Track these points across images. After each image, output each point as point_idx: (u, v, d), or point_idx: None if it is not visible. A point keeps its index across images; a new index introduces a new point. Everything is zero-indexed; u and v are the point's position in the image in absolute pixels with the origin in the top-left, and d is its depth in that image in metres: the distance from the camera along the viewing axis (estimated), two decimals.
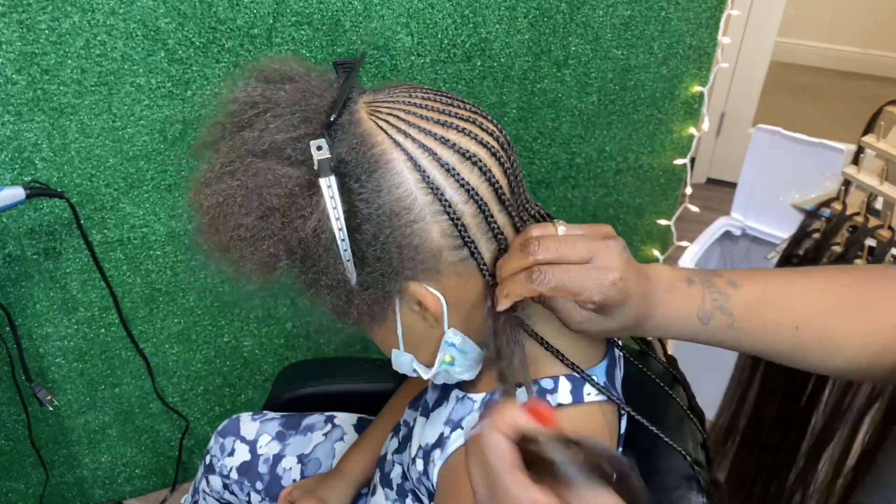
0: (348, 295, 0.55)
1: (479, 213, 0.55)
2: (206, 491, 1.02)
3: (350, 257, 0.52)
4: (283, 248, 0.53)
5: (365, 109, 0.55)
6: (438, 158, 0.53)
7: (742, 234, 1.67)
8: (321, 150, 0.51)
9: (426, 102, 0.56)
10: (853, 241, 1.03)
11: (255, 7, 1.05)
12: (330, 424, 0.98)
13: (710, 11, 1.38)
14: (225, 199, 0.53)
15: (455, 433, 0.61)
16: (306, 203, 0.51)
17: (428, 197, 0.53)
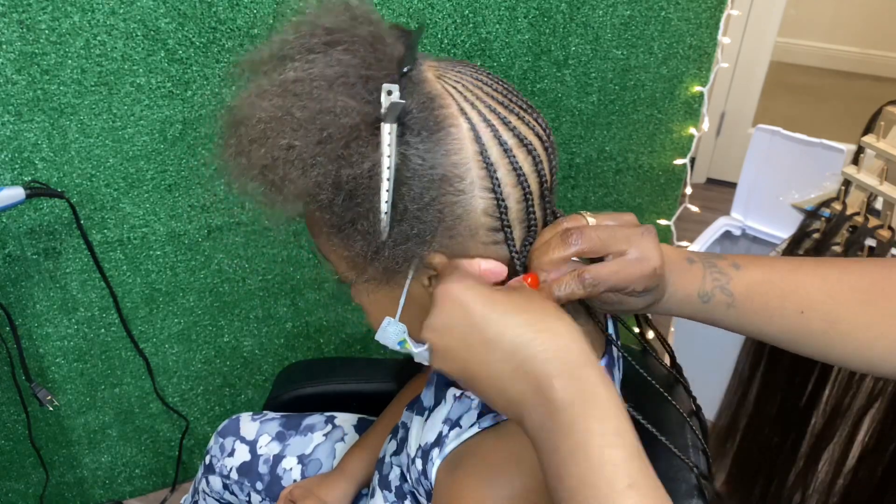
0: (377, 247, 0.53)
1: (523, 201, 0.55)
2: (205, 491, 1.02)
3: (388, 209, 0.51)
4: (331, 180, 0.51)
5: (431, 71, 0.55)
6: (499, 136, 0.53)
7: (742, 234, 1.67)
8: (391, 94, 0.50)
9: (491, 82, 0.56)
10: (853, 241, 1.03)
11: (255, 7, 1.05)
12: (330, 425, 0.98)
13: (710, 11, 1.38)
14: (283, 116, 0.51)
15: (453, 431, 0.61)
16: (366, 142, 0.50)
17: (482, 171, 0.53)
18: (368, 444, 0.91)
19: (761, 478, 1.17)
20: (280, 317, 1.36)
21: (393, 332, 0.61)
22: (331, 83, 0.51)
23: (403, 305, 0.59)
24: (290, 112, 0.50)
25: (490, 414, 0.59)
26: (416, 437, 0.69)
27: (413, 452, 0.68)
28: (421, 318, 0.57)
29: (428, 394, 0.71)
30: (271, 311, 1.35)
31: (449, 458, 0.60)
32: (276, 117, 0.51)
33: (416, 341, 0.61)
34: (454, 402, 0.63)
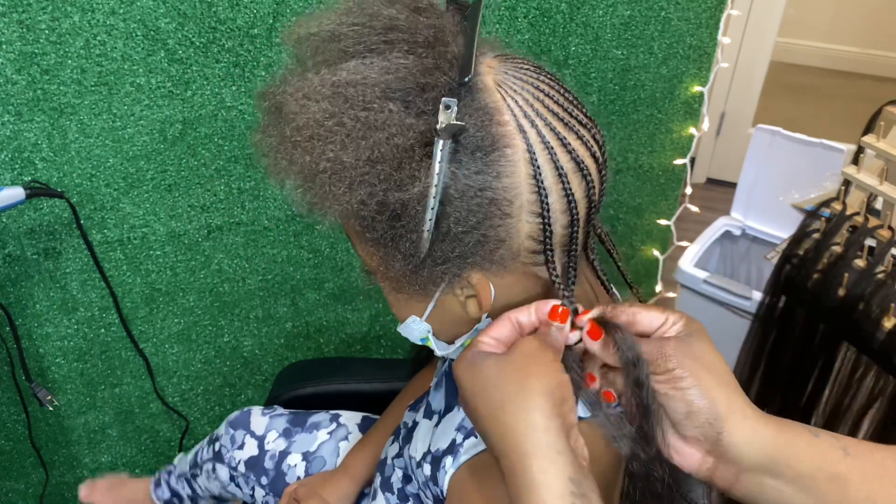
0: (416, 266, 0.51)
1: (569, 227, 0.52)
2: (210, 475, 1.03)
3: (431, 228, 0.48)
4: (376, 201, 0.48)
5: (491, 76, 0.51)
6: (556, 160, 0.50)
7: (742, 234, 1.67)
8: (449, 109, 0.46)
9: (552, 92, 0.52)
10: (853, 241, 1.03)
11: (255, 7, 1.05)
12: (335, 423, 0.98)
13: (710, 11, 1.38)
14: (333, 125, 0.47)
15: (468, 441, 0.60)
16: (419, 164, 0.47)
17: (532, 196, 0.50)
18: (371, 442, 0.91)
19: None
20: (280, 317, 1.36)
21: (416, 329, 0.60)
22: (386, 92, 0.47)
23: (432, 309, 0.57)
24: (342, 122, 0.47)
25: None
26: (424, 440, 0.68)
27: (419, 456, 0.68)
28: (447, 320, 0.58)
29: (437, 397, 0.70)
30: (271, 311, 1.35)
31: (466, 467, 0.60)
32: (325, 125, 0.47)
33: (439, 341, 0.60)
34: None
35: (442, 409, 0.68)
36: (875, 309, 0.97)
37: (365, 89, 0.47)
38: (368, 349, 1.49)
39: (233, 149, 1.15)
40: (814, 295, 1.06)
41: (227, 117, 1.12)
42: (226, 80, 1.09)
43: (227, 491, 1.03)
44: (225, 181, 1.18)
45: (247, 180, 1.19)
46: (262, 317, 1.34)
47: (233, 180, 1.18)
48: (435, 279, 0.52)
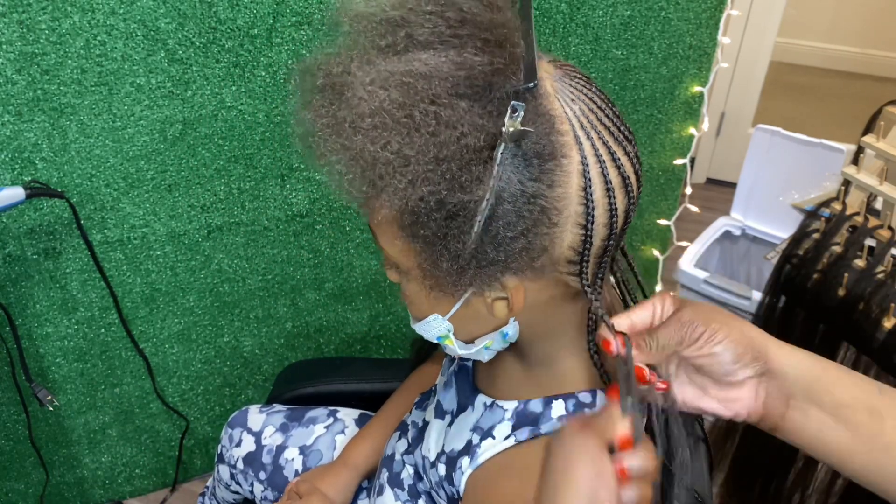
0: (461, 266, 0.50)
1: (606, 240, 0.53)
2: (218, 479, 1.04)
3: (480, 229, 0.47)
4: (435, 200, 0.47)
5: (549, 82, 0.51)
6: (606, 174, 0.50)
7: (742, 234, 1.67)
8: (516, 113, 0.46)
9: (602, 105, 0.52)
10: (853, 241, 1.03)
11: (255, 7, 1.05)
12: (332, 418, 0.99)
13: (710, 11, 1.38)
14: (402, 117, 0.46)
15: (486, 442, 0.60)
16: (484, 167, 0.46)
17: (580, 208, 0.50)
18: (370, 435, 0.91)
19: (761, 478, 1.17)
20: (280, 317, 1.36)
21: (435, 327, 0.59)
22: (457, 88, 0.46)
23: (457, 309, 0.56)
24: (411, 114, 0.45)
25: (527, 427, 0.58)
26: (437, 440, 0.68)
27: (433, 456, 0.68)
28: (470, 321, 0.57)
29: (448, 396, 0.70)
30: (271, 311, 1.35)
31: (484, 468, 0.60)
32: (393, 115, 0.46)
33: (460, 342, 0.60)
34: (484, 411, 0.63)
35: (454, 409, 0.68)
36: (875, 309, 0.97)
37: (436, 83, 0.46)
38: (368, 349, 1.49)
39: (233, 149, 1.15)
40: (814, 295, 1.06)
41: (227, 117, 1.12)
42: (226, 80, 1.09)
43: (231, 491, 1.03)
44: (225, 181, 1.18)
45: (247, 180, 1.19)
46: (262, 317, 1.34)
47: (233, 180, 1.18)
48: (474, 281, 0.51)
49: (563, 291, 0.56)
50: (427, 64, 0.46)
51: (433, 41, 0.47)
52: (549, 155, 0.48)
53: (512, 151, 0.47)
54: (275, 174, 1.20)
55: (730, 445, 1.21)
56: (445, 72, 0.46)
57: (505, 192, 0.47)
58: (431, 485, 0.69)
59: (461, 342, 0.60)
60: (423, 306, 0.58)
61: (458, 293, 0.54)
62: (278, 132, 1.16)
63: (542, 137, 0.48)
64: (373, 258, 1.36)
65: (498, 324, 0.57)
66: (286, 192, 1.22)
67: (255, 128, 1.15)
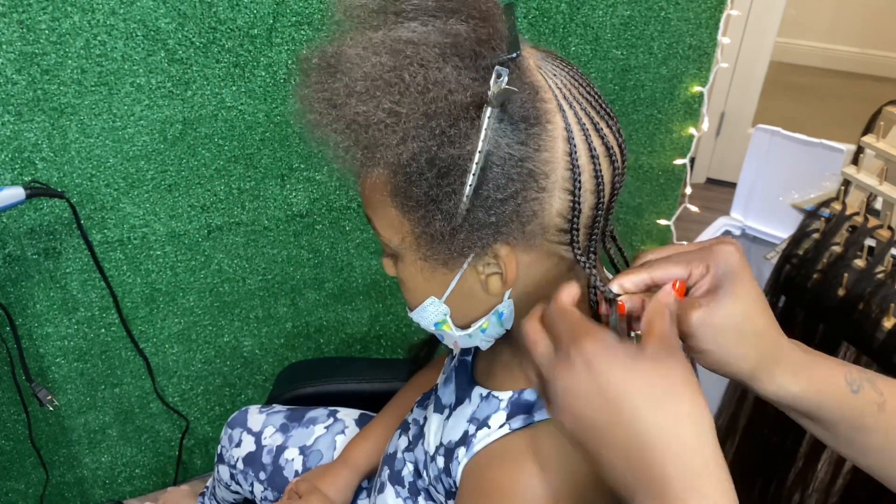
0: (454, 229, 0.52)
1: (594, 209, 0.55)
2: (218, 479, 1.04)
3: (471, 193, 0.50)
4: (428, 155, 0.49)
5: (532, 59, 0.54)
6: (590, 141, 0.53)
7: (742, 234, 1.67)
8: (500, 78, 0.48)
9: (584, 83, 0.55)
10: (853, 241, 1.03)
11: (255, 7, 1.05)
12: (332, 418, 0.99)
13: (710, 11, 1.38)
14: (392, 78, 0.48)
15: (481, 431, 0.61)
16: (471, 123, 0.49)
17: (567, 173, 0.52)
18: (371, 435, 0.91)
19: (761, 478, 1.17)
20: (280, 317, 1.36)
21: (432, 312, 0.60)
22: (444, 53, 0.49)
23: (453, 289, 0.58)
24: (401, 75, 0.48)
25: (521, 415, 0.59)
26: (436, 434, 0.69)
27: (432, 450, 0.68)
28: (466, 302, 0.58)
29: (447, 391, 0.70)
30: (271, 311, 1.35)
31: (478, 457, 0.60)
32: (384, 77, 0.48)
33: (455, 326, 0.61)
34: (480, 402, 0.63)
35: (452, 403, 0.68)
36: (875, 309, 0.97)
37: (424, 48, 0.49)
38: (368, 349, 1.49)
39: (233, 149, 1.15)
40: (814, 295, 1.06)
41: (227, 117, 1.12)
42: (226, 80, 1.09)
43: (231, 491, 1.03)
44: (225, 181, 1.18)
45: (247, 180, 1.19)
46: (262, 317, 1.34)
47: (233, 180, 1.18)
48: (467, 246, 0.53)
49: (556, 265, 0.57)
50: (415, 31, 0.50)
51: (419, 14, 0.51)
52: (534, 119, 0.51)
53: (498, 116, 0.49)
54: (275, 174, 1.20)
55: (730, 445, 1.21)
56: (432, 39, 0.49)
57: (493, 155, 0.50)
58: (430, 480, 0.69)
59: (458, 327, 0.61)
60: (419, 289, 0.59)
61: (453, 262, 0.55)
62: (278, 132, 1.16)
63: (527, 102, 0.50)
64: (373, 258, 1.36)
65: (493, 302, 0.58)
66: (286, 192, 1.22)
67: (255, 128, 1.15)
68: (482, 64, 0.49)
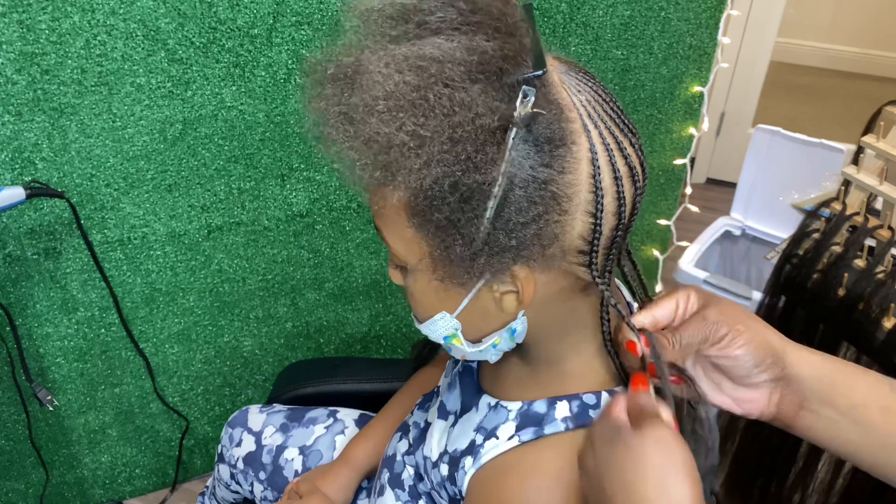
0: (474, 252, 0.50)
1: (615, 230, 0.53)
2: (218, 479, 1.04)
3: (492, 214, 0.48)
4: (451, 180, 0.47)
5: (556, 74, 0.52)
6: (614, 162, 0.51)
7: (742, 234, 1.67)
8: (527, 98, 0.47)
9: (607, 98, 0.53)
10: (853, 241, 1.03)
11: (255, 7, 1.05)
12: (332, 418, 0.99)
13: (710, 11, 1.38)
14: (417, 99, 0.46)
15: (489, 442, 0.60)
16: (497, 148, 0.47)
17: (590, 195, 0.51)
18: (372, 434, 0.91)
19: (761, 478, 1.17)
20: (280, 317, 1.36)
21: (443, 326, 0.59)
22: (470, 72, 0.47)
23: (466, 305, 0.56)
24: (426, 96, 0.46)
25: (531, 427, 0.58)
26: (440, 441, 0.68)
27: (435, 457, 0.68)
28: (479, 318, 0.57)
29: (451, 397, 0.70)
30: (271, 311, 1.35)
31: (486, 468, 0.60)
32: (408, 97, 0.46)
33: (468, 341, 0.59)
34: (488, 411, 0.63)
35: (458, 410, 0.68)
36: (875, 309, 0.97)
37: (450, 67, 0.47)
38: (368, 349, 1.49)
39: (233, 149, 1.15)
40: (814, 295, 1.06)
41: (227, 117, 1.12)
42: (226, 80, 1.09)
43: (231, 490, 1.03)
44: (225, 181, 1.18)
45: (247, 180, 1.19)
46: (262, 317, 1.34)
47: (233, 180, 1.18)
48: (485, 270, 0.51)
49: (572, 285, 0.56)
50: (440, 48, 0.47)
51: (444, 28, 0.48)
52: (559, 140, 0.49)
53: (523, 137, 0.47)
54: (275, 174, 1.20)
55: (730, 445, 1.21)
56: (458, 56, 0.47)
57: (517, 177, 0.48)
58: (433, 485, 0.69)
59: (468, 342, 0.60)
60: (430, 304, 0.58)
61: (469, 284, 0.53)
62: (278, 132, 1.16)
63: (553, 123, 0.49)
64: (373, 258, 1.36)
65: (506, 319, 0.57)
66: (286, 192, 1.22)
67: (255, 128, 1.15)
68: (507, 81, 0.47)
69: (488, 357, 0.61)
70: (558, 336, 0.59)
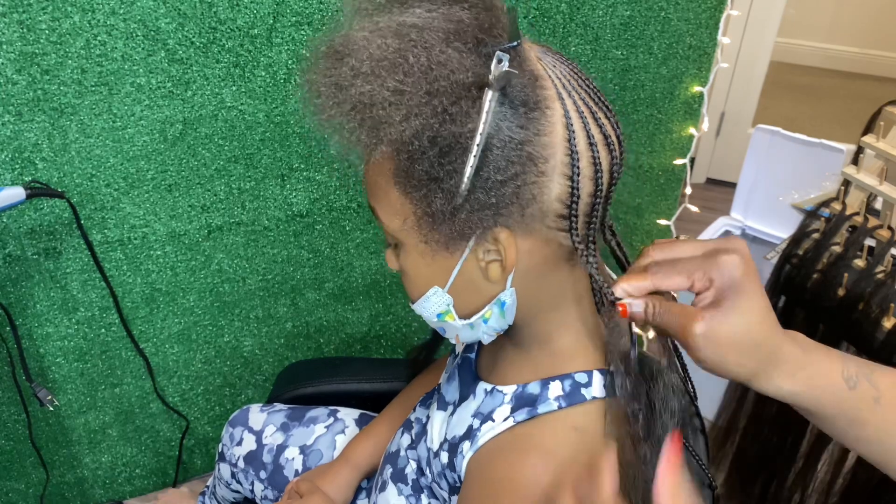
0: (455, 208, 0.53)
1: (593, 196, 0.56)
2: (218, 478, 1.04)
3: (471, 173, 0.51)
4: (430, 133, 0.51)
5: (532, 51, 0.56)
6: (588, 128, 0.55)
7: (742, 234, 1.67)
8: (501, 63, 0.50)
9: (582, 76, 0.57)
10: (853, 241, 1.03)
11: (255, 7, 1.05)
12: (332, 418, 0.99)
13: (710, 11, 1.38)
14: (397, 58, 0.50)
15: (486, 425, 0.61)
16: (472, 103, 0.50)
17: (566, 158, 0.54)
18: (373, 434, 0.91)
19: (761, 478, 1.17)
20: (280, 317, 1.36)
21: (435, 302, 0.61)
22: (447, 37, 0.51)
23: (455, 277, 0.58)
24: (405, 56, 0.50)
25: (525, 408, 0.60)
26: (440, 431, 0.69)
27: (436, 446, 0.69)
28: (468, 291, 0.59)
29: (450, 388, 0.71)
30: (271, 311, 1.35)
31: (483, 449, 0.61)
32: (389, 58, 0.50)
33: (457, 317, 0.61)
34: (485, 397, 0.64)
35: (456, 400, 0.69)
36: (875, 309, 0.97)
37: (429, 32, 0.51)
38: (368, 349, 1.49)
39: (233, 149, 1.15)
40: (813, 295, 1.06)
41: (227, 117, 1.12)
42: (226, 80, 1.09)
43: (231, 490, 1.03)
44: (225, 181, 1.18)
45: (247, 180, 1.19)
46: (262, 317, 1.35)
47: (233, 180, 1.18)
48: (468, 227, 0.54)
49: (556, 253, 0.58)
50: (420, 17, 0.51)
51: (427, 3, 0.53)
52: (533, 104, 0.52)
53: (499, 100, 0.50)
54: (275, 174, 1.20)
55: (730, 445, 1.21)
56: (437, 24, 0.51)
57: (494, 137, 0.51)
58: (433, 477, 0.69)
59: (459, 319, 0.61)
60: (421, 277, 0.60)
61: (454, 245, 0.56)
62: (278, 132, 1.16)
63: (527, 87, 0.52)
64: (373, 258, 1.36)
65: (495, 291, 0.58)
66: (286, 192, 1.22)
67: (255, 128, 1.15)
68: (484, 51, 0.51)
69: (481, 335, 0.63)
70: (547, 312, 0.61)
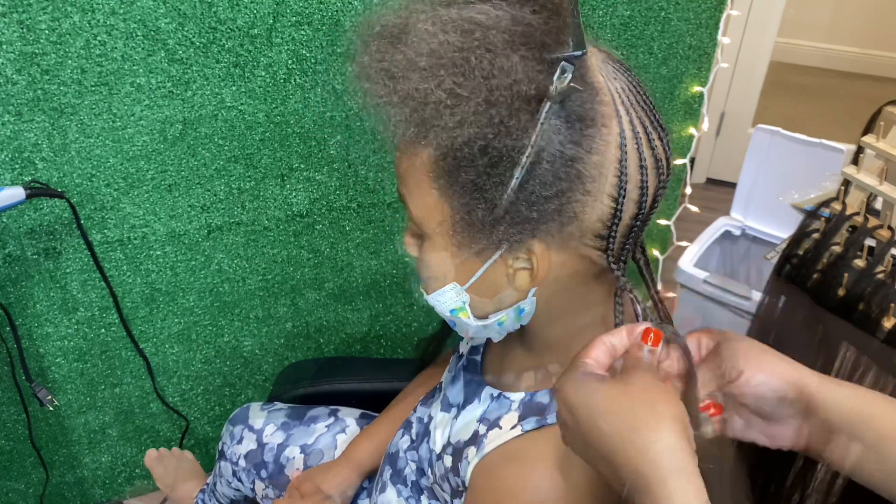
0: (495, 220, 0.51)
1: (635, 219, 0.54)
2: (219, 475, 1.05)
3: (516, 185, 0.49)
4: (482, 142, 0.48)
5: (594, 58, 0.53)
6: (641, 151, 0.52)
7: (742, 234, 1.67)
8: (565, 74, 0.48)
9: (641, 90, 0.55)
10: (853, 241, 1.03)
11: (255, 7, 1.05)
12: (333, 417, 0.99)
13: (710, 11, 1.38)
14: (458, 59, 0.47)
15: (493, 432, 0.61)
16: (531, 118, 0.48)
17: (614, 179, 0.52)
18: (375, 434, 0.91)
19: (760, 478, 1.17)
20: (280, 317, 1.36)
21: (451, 297, 0.59)
22: (513, 40, 0.48)
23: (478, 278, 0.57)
24: (468, 58, 0.47)
25: (533, 417, 0.59)
26: (443, 433, 0.69)
27: (439, 448, 0.68)
28: (488, 293, 0.57)
29: (454, 390, 0.70)
30: (271, 311, 1.35)
31: (490, 457, 0.60)
32: (449, 56, 0.48)
33: (472, 316, 0.60)
34: (491, 402, 0.63)
35: (461, 402, 0.68)
36: (875, 309, 0.97)
37: (494, 33, 0.48)
38: (368, 349, 1.49)
39: (233, 149, 1.15)
40: (813, 295, 1.06)
41: (227, 117, 1.12)
42: (226, 80, 1.09)
43: (232, 488, 1.03)
44: (225, 181, 1.18)
45: (247, 180, 1.19)
46: (262, 317, 1.35)
47: (233, 180, 1.18)
48: (504, 239, 0.52)
49: (586, 270, 0.56)
50: (487, 14, 0.49)
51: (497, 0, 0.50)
52: (590, 120, 0.50)
53: (556, 112, 0.48)
54: (275, 174, 1.20)
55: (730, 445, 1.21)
56: (503, 25, 0.48)
57: (545, 151, 0.49)
58: (435, 479, 0.69)
59: (474, 318, 0.60)
60: (443, 274, 0.58)
61: (486, 254, 0.54)
62: (278, 132, 1.16)
63: (586, 102, 0.50)
64: (373, 258, 1.36)
65: (517, 297, 0.57)
66: (286, 192, 1.22)
67: (255, 128, 1.15)
68: (547, 57, 0.48)
69: (492, 334, 0.61)
70: (565, 320, 0.60)
